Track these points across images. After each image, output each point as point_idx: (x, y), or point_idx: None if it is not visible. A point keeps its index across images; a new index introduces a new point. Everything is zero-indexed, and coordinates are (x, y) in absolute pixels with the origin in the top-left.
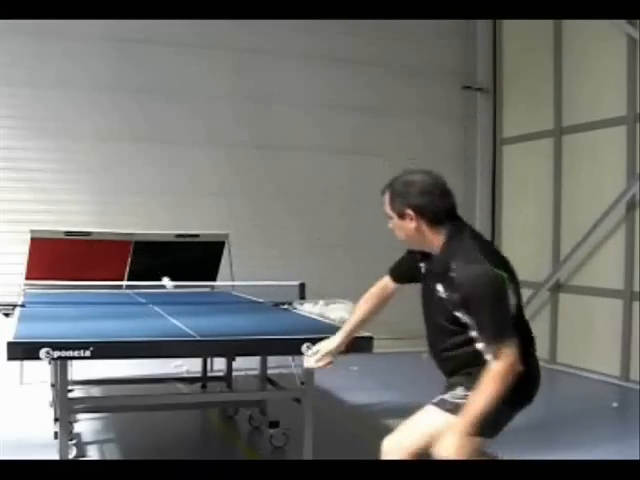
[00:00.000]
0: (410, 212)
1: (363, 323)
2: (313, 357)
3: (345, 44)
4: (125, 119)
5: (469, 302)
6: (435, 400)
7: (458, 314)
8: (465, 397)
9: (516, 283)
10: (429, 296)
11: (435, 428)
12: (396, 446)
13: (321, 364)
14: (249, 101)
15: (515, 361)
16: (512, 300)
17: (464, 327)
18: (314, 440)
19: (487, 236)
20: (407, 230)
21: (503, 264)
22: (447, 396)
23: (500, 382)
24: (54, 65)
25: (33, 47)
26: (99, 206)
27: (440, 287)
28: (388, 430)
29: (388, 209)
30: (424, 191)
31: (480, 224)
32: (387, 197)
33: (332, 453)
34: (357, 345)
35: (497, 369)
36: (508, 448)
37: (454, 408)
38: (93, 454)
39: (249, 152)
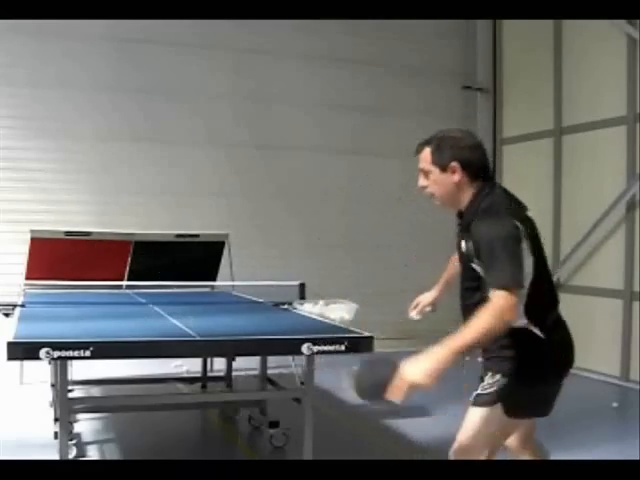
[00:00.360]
0: (455, 164)
1: (453, 278)
2: (414, 310)
3: (345, 44)
4: (125, 119)
5: (480, 248)
6: (471, 398)
7: (475, 266)
8: (495, 384)
9: (536, 243)
10: (459, 253)
11: (481, 429)
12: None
13: (422, 313)
14: (249, 101)
15: (513, 306)
16: (528, 258)
17: (481, 282)
18: (314, 440)
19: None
20: (447, 184)
21: (526, 221)
22: (479, 390)
23: (493, 318)
24: (54, 65)
25: (33, 47)
26: (99, 206)
27: (463, 241)
28: (388, 430)
29: (427, 164)
30: (470, 146)
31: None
32: (428, 151)
33: (332, 453)
34: (357, 345)
35: (493, 305)
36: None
37: (488, 400)
38: (93, 454)
39: (249, 152)
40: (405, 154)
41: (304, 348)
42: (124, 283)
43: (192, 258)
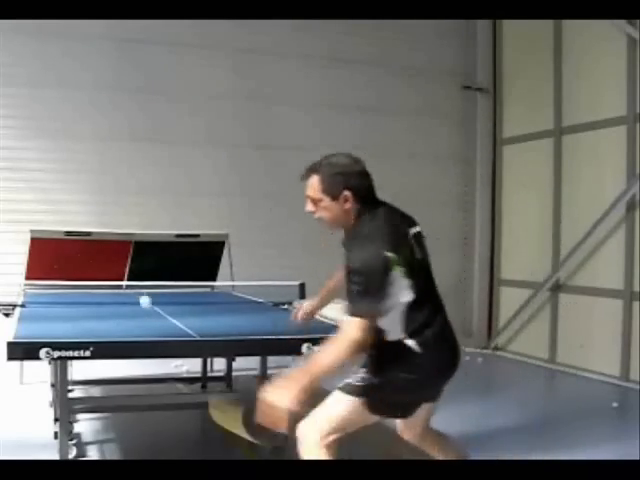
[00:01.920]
0: (348, 194)
1: (337, 287)
2: (297, 315)
3: (345, 44)
4: (125, 119)
5: (347, 275)
6: (340, 384)
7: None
8: (365, 380)
9: (418, 263)
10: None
11: (338, 411)
12: (306, 432)
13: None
14: (249, 101)
15: (361, 335)
16: (398, 281)
17: None
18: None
19: (487, 236)
20: (337, 212)
21: (403, 244)
22: (350, 379)
23: (341, 347)
24: (54, 65)
25: (33, 47)
26: (99, 206)
27: (344, 265)
28: (388, 430)
29: (316, 192)
30: (359, 172)
31: (480, 224)
32: (316, 179)
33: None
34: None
35: (343, 334)
36: (508, 448)
37: (353, 390)
38: (93, 454)
39: (249, 152)
40: (405, 154)
41: (304, 348)
42: (124, 283)
43: (192, 258)
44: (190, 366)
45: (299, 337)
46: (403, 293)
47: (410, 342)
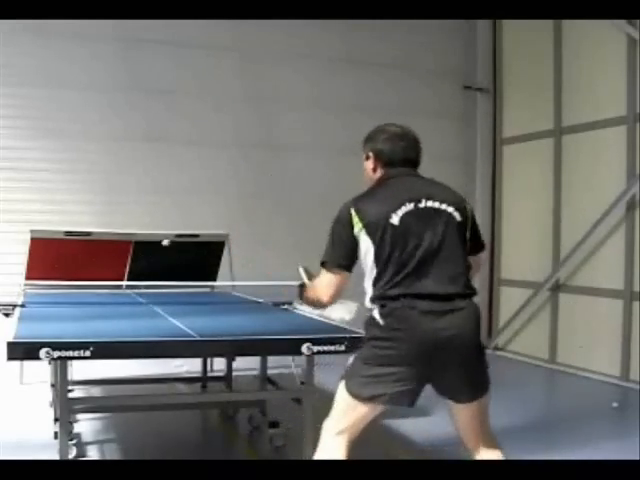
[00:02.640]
0: (371, 154)
1: None
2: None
3: (345, 44)
4: (124, 119)
5: None
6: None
7: None
8: (352, 360)
9: (386, 232)
10: None
11: (339, 403)
12: (324, 428)
13: None
14: (250, 101)
15: (325, 284)
16: (364, 243)
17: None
18: (314, 440)
19: (487, 236)
20: (367, 170)
21: (378, 210)
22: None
23: (311, 291)
24: (52, 65)
25: (33, 47)
26: (99, 206)
27: None
28: (388, 430)
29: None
30: (386, 137)
31: (480, 224)
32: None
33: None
34: (357, 345)
35: (313, 283)
36: (508, 448)
37: (341, 377)
38: (93, 454)
39: (249, 152)
40: None
41: (304, 348)
42: (124, 283)
43: (192, 258)
44: (190, 366)
45: (299, 337)
46: (368, 254)
47: (375, 311)
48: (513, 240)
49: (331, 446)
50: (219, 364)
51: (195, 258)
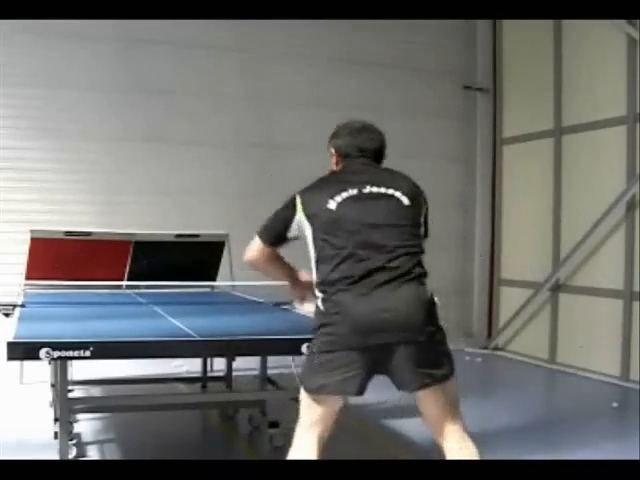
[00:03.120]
0: (332, 150)
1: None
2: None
3: (345, 44)
4: (124, 120)
5: None
6: None
7: None
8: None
9: (315, 216)
10: None
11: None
12: (298, 426)
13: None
14: (250, 101)
15: (252, 249)
16: (306, 229)
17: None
18: None
19: (487, 236)
20: (331, 165)
21: (320, 198)
22: None
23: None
24: (51, 65)
25: (33, 47)
26: (99, 206)
27: None
28: (388, 430)
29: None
30: (345, 132)
31: (480, 224)
32: None
33: (332, 453)
34: None
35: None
36: (509, 448)
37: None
38: (93, 454)
39: (249, 152)
40: (405, 154)
41: (304, 348)
42: (124, 283)
43: (192, 258)
44: (190, 366)
45: (299, 337)
46: (309, 242)
47: (318, 300)
48: (513, 240)
49: (300, 443)
50: (219, 364)
51: (195, 258)
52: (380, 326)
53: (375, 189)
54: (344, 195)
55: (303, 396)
